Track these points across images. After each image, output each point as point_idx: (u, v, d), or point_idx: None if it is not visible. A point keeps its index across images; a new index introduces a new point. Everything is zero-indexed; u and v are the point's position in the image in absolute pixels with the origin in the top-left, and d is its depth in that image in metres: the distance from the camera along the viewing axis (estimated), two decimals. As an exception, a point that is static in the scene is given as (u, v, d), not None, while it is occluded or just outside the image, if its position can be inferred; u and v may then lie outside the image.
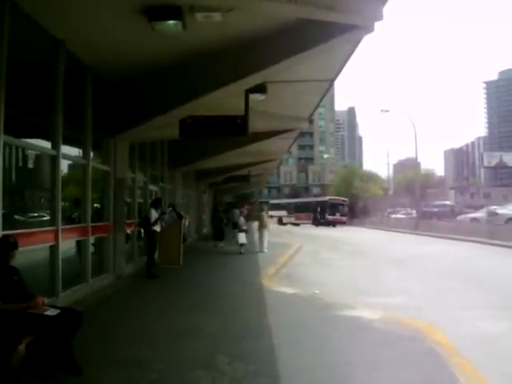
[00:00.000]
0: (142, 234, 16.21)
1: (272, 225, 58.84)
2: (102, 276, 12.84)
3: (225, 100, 12.67)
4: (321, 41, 9.92)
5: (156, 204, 15.19)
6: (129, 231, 15.45)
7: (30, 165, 10.61)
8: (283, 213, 72.66)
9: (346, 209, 66.16)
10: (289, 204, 78.07)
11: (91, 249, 12.09)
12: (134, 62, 11.62)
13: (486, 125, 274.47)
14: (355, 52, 11.70)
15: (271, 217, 75.92)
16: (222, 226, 27.15)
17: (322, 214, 64.05)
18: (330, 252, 24.97)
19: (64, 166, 10.85)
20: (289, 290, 12.26)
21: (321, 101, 17.76)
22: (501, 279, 14.78)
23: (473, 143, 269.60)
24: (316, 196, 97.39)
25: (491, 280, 14.67)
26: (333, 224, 61.17)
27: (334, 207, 64.49)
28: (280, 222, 69.84)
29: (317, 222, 63.59)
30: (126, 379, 5.84)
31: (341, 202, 66.56)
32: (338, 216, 63.34)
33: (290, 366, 6.35)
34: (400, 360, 6.64)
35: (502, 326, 8.81)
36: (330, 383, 5.79)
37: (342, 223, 62.45)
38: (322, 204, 66.20)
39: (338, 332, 8.24)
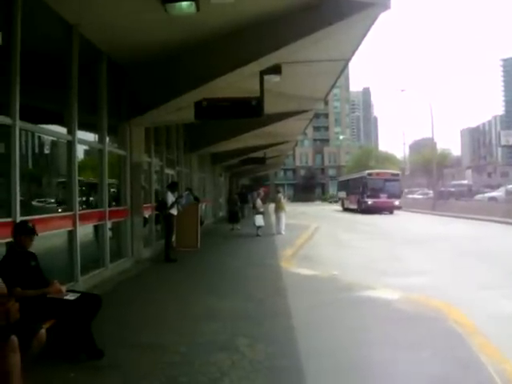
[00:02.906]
0: (160, 218, 16.24)
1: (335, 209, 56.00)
2: (121, 260, 12.92)
3: (240, 82, 12.60)
4: (337, 19, 9.77)
5: (172, 187, 15.19)
6: (146, 215, 15.50)
7: (47, 150, 10.62)
8: (344, 195, 56.24)
9: (397, 186, 45.43)
10: (346, 182, 58.37)
11: (109, 233, 12.14)
12: (149, 45, 11.56)
13: (504, 103, 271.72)
14: (370, 31, 11.56)
15: (339, 199, 61.33)
16: (237, 209, 27.26)
17: (362, 196, 44.95)
18: (347, 233, 24.91)
19: (80, 151, 10.86)
20: (308, 272, 12.24)
21: (336, 81, 17.59)
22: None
23: (489, 122, 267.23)
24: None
25: (511, 259, 14.54)
26: (377, 211, 42.12)
27: (375, 186, 44.27)
28: (342, 206, 55.55)
29: (360, 207, 45.30)
30: (148, 362, 5.84)
31: (388, 177, 45.82)
32: (383, 198, 43.27)
33: (311, 347, 6.33)
34: (421, 340, 6.60)
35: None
36: (350, 364, 5.75)
37: (395, 208, 43.56)
38: (360, 182, 46.51)
39: (358, 313, 8.21)
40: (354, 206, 47.53)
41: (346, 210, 52.09)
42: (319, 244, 19.83)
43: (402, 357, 6.02)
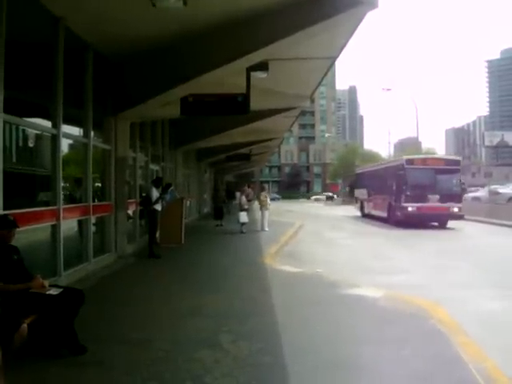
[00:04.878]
0: (144, 214, 16.16)
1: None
2: (104, 255, 12.83)
3: (227, 78, 12.55)
4: (326, 17, 9.74)
5: (157, 183, 15.10)
6: (130, 210, 15.43)
7: (31, 144, 10.53)
8: (364, 194, 37.45)
9: (456, 182, 27.48)
10: (368, 175, 38.26)
11: (93, 228, 12.05)
12: (136, 39, 11.45)
13: (488, 104, 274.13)
14: (357, 29, 11.56)
15: (356, 200, 41.10)
16: (221, 205, 27.36)
17: (397, 197, 27.32)
18: (330, 231, 25.03)
19: (65, 145, 10.76)
20: (292, 269, 12.24)
21: (323, 79, 17.60)
22: (501, 258, 14.80)
23: (474, 122, 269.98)
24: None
25: (492, 259, 14.70)
26: (422, 222, 26.55)
27: (419, 181, 26.53)
28: (361, 210, 37.52)
29: (392, 216, 28.02)
30: (131, 358, 5.81)
31: (441, 167, 27.44)
32: (433, 202, 25.99)
33: (295, 344, 6.33)
34: (404, 338, 6.61)
35: (504, 304, 8.86)
36: (334, 361, 5.74)
37: (453, 218, 26.53)
38: (394, 174, 28.35)
39: (342, 310, 8.22)
40: (382, 213, 30.60)
41: (366, 216, 35.52)
42: (303, 242, 19.89)
43: (386, 354, 6.04)
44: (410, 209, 26.09)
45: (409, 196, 26.25)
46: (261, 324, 7.27)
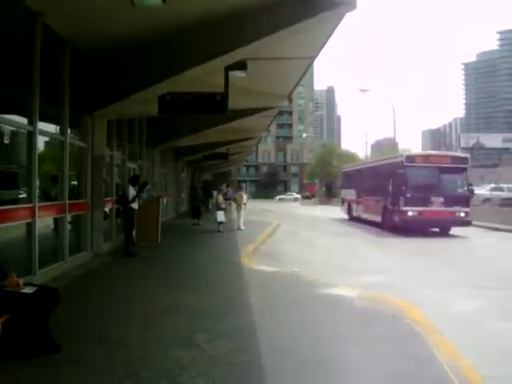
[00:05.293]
0: (121, 212, 16.07)
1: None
2: (80, 254, 12.74)
3: (205, 77, 12.52)
4: (305, 17, 9.75)
5: (134, 181, 15.01)
6: (106, 209, 15.32)
7: (6, 141, 10.41)
8: (353, 194, 33.94)
9: (463, 182, 24.59)
10: (358, 174, 34.95)
11: (69, 226, 11.95)
12: (114, 36, 11.36)
13: (464, 106, 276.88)
14: (336, 30, 11.60)
15: (343, 201, 37.38)
16: (198, 204, 27.38)
17: (394, 200, 24.31)
18: (308, 230, 25.10)
19: (41, 142, 10.66)
20: (268, 268, 12.25)
21: (301, 78, 17.64)
22: (477, 259, 15.00)
23: (450, 124, 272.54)
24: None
25: (468, 260, 14.89)
26: (423, 227, 24.28)
27: (421, 181, 23.51)
28: (348, 212, 34.55)
29: (387, 222, 25.06)
30: (107, 357, 5.76)
31: (447, 165, 24.09)
32: (436, 206, 23.10)
33: (271, 343, 6.34)
34: (380, 338, 6.65)
35: (480, 304, 8.98)
36: (310, 361, 5.75)
37: (458, 224, 23.94)
38: (391, 173, 25.36)
39: (318, 310, 8.25)
40: (375, 217, 27.56)
41: (354, 219, 32.53)
42: (280, 241, 19.94)
43: (361, 354, 6.07)
44: (410, 213, 22.99)
45: (409, 198, 23.04)
46: (237, 323, 7.26)
